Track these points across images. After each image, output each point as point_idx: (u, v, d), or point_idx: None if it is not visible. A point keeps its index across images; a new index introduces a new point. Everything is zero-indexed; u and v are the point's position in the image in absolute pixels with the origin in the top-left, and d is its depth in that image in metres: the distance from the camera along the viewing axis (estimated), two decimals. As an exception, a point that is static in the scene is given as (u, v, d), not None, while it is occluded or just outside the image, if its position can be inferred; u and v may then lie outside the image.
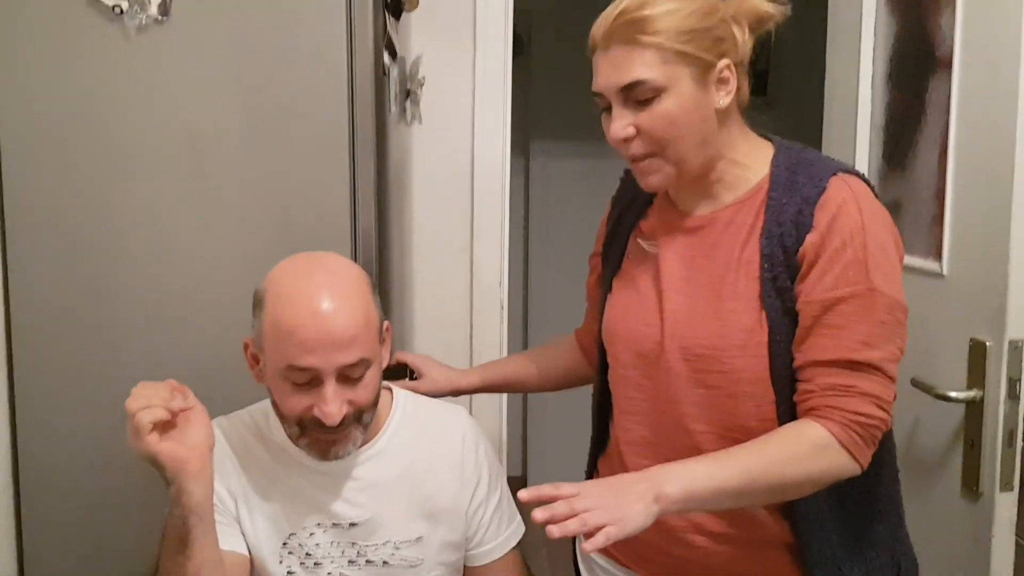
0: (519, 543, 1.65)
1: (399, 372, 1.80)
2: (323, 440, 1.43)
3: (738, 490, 1.25)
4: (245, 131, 1.70)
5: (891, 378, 1.29)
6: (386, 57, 1.82)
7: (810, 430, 1.27)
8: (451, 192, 2.30)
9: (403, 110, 2.04)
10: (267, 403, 1.54)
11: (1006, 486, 1.61)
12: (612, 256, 1.55)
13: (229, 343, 1.55)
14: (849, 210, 1.29)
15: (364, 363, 1.40)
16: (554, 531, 1.13)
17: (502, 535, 1.62)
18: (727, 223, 1.39)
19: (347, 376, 1.39)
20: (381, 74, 1.79)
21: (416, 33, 2.21)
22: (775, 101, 4.09)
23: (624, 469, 1.46)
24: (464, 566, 1.62)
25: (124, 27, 1.64)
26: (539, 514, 1.14)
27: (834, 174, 1.33)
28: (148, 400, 1.27)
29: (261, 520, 1.50)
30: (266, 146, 1.70)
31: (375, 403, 1.47)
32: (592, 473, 1.63)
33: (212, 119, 1.69)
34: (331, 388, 1.38)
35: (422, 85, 2.08)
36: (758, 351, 1.31)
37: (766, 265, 1.32)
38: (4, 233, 1.69)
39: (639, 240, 1.51)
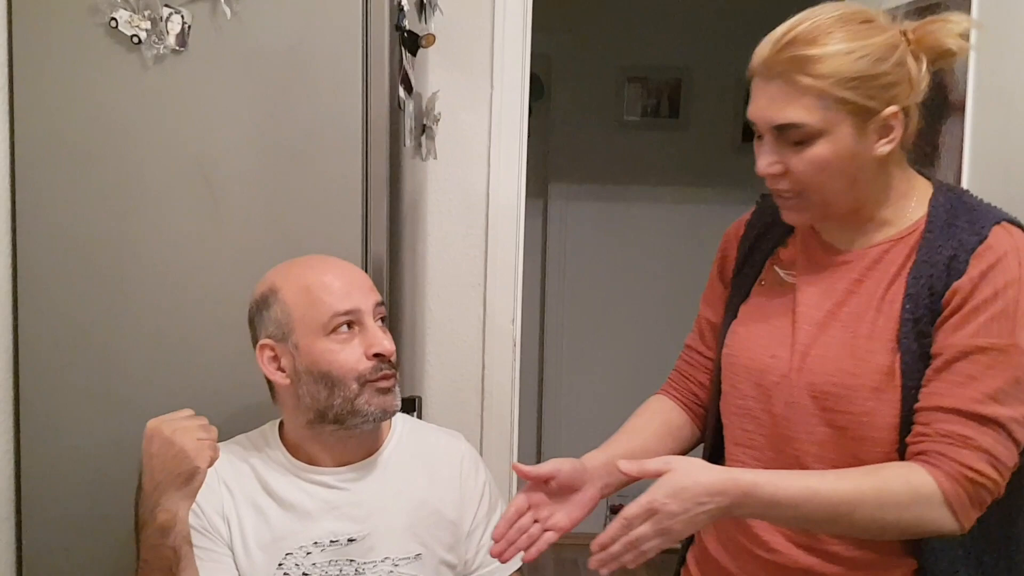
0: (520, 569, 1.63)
1: (406, 407, 1.80)
2: (382, 389, 1.49)
3: (818, 520, 1.23)
4: (258, 162, 1.71)
5: (1015, 441, 1.20)
6: (401, 92, 1.83)
7: (915, 476, 1.19)
8: (465, 229, 2.30)
9: (418, 145, 2.04)
10: (265, 427, 1.57)
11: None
12: (743, 281, 1.46)
13: (239, 369, 1.56)
14: (1008, 262, 1.22)
15: (384, 306, 1.54)
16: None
17: None
18: (876, 260, 1.31)
19: (379, 318, 1.51)
20: (396, 108, 1.81)
21: (433, 69, 2.22)
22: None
23: None
24: None
25: (142, 57, 1.67)
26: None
27: (997, 223, 1.25)
28: (207, 432, 1.38)
29: (255, 543, 1.50)
30: (279, 177, 1.72)
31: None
32: None
33: (226, 149, 1.71)
34: (376, 325, 1.49)
35: (438, 121, 2.09)
36: (892, 395, 1.25)
37: (908, 305, 1.25)
38: (15, 256, 1.71)
39: (776, 268, 1.43)
